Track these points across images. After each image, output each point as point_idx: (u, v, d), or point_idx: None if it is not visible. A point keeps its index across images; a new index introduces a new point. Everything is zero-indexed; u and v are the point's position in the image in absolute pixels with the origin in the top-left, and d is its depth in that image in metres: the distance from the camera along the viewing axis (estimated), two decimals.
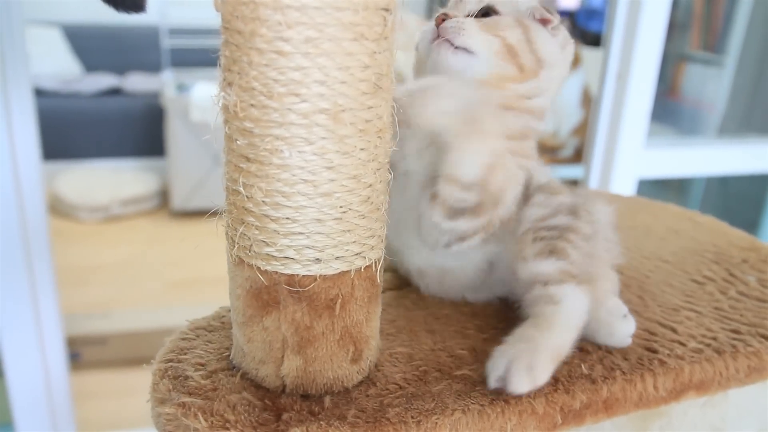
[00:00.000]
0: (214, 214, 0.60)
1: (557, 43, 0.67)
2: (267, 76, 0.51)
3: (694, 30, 2.95)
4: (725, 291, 0.84)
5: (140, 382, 0.79)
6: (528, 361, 0.59)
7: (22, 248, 1.48)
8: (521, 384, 0.58)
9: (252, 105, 0.52)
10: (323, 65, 0.51)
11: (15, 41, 1.37)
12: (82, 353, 2.19)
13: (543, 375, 0.60)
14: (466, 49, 0.64)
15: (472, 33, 0.62)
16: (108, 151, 3.96)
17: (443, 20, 0.64)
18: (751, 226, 2.38)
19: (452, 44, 0.64)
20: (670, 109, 2.93)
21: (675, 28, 2.93)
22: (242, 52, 0.52)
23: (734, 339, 0.73)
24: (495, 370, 0.60)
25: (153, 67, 4.27)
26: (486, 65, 0.64)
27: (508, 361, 0.59)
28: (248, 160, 0.54)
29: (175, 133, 3.50)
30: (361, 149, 0.55)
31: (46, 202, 1.53)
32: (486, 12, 0.64)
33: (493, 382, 0.60)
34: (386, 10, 0.53)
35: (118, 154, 3.96)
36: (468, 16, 0.65)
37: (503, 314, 0.74)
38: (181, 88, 3.73)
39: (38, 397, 1.60)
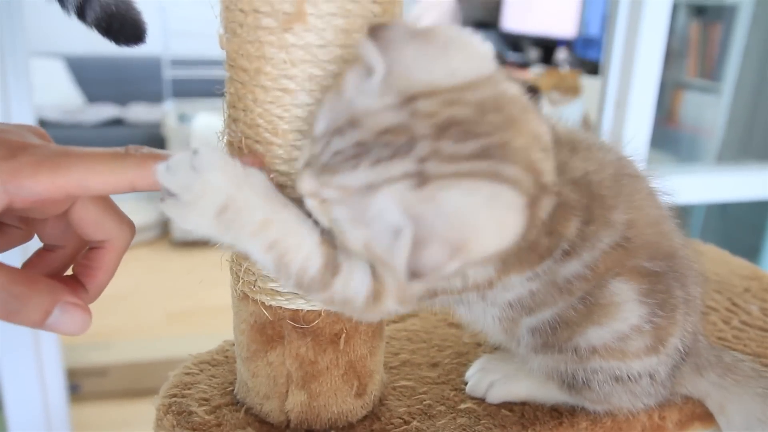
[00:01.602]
0: (216, 244, 0.60)
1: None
2: (272, 113, 0.52)
3: (691, 57, 2.98)
4: (728, 321, 0.84)
5: (141, 414, 0.79)
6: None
7: None
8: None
9: (257, 141, 0.53)
10: None
11: (19, 72, 1.38)
12: (82, 385, 2.18)
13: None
14: None
15: (324, 223, 0.47)
16: None
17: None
18: (752, 252, 2.38)
19: None
20: (668, 136, 2.95)
21: (672, 55, 2.96)
22: (247, 90, 0.52)
23: None
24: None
25: (155, 97, 4.30)
26: None
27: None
28: None
29: None
30: None
31: None
32: None
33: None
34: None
35: None
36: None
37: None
38: (183, 118, 3.76)
39: (38, 430, 1.59)
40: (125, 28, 0.75)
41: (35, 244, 0.52)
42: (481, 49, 0.45)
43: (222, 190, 0.45)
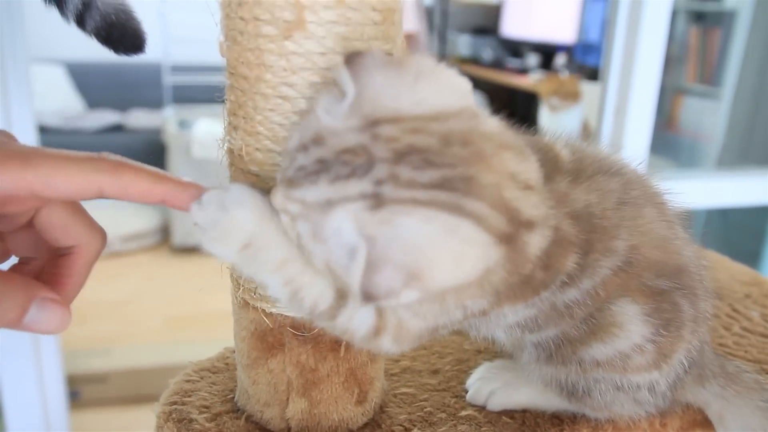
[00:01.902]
0: None
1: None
2: (272, 120, 0.52)
3: (690, 63, 2.99)
4: (729, 327, 0.84)
5: (141, 420, 0.78)
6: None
7: None
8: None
9: (257, 149, 0.53)
10: None
11: (19, 78, 1.39)
12: (82, 391, 2.17)
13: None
14: None
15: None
16: None
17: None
18: (752, 258, 2.38)
19: None
20: (668, 142, 2.95)
21: (672, 61, 2.97)
22: (247, 97, 0.52)
23: None
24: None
25: (155, 103, 4.31)
26: None
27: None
28: None
29: (176, 169, 3.52)
30: None
31: None
32: None
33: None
34: (389, 54, 0.54)
35: None
36: None
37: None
38: (183, 124, 3.76)
39: None
40: (125, 38, 0.75)
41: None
42: (455, 82, 0.45)
43: (246, 229, 0.47)
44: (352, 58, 0.43)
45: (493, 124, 0.45)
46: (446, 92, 0.44)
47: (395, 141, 0.41)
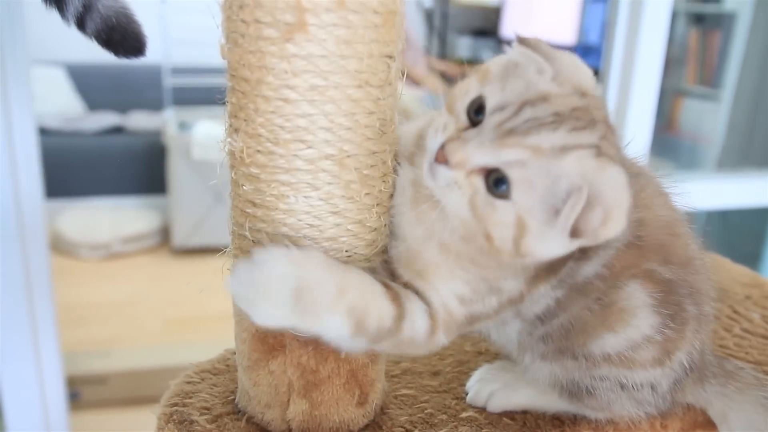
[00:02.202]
0: (216, 251, 0.60)
1: (562, 245, 0.50)
2: (273, 122, 0.52)
3: (690, 65, 2.99)
4: (730, 328, 0.84)
5: (141, 422, 0.78)
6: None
7: (23, 286, 1.48)
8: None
9: (258, 151, 0.53)
10: (329, 112, 0.52)
11: (20, 81, 1.39)
12: (82, 392, 2.17)
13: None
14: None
15: (455, 200, 0.50)
16: (110, 189, 3.97)
17: (441, 160, 0.50)
18: (752, 259, 2.38)
19: (437, 184, 0.51)
20: (668, 144, 2.95)
21: (671, 63, 2.97)
22: (249, 99, 0.52)
23: None
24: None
25: (155, 105, 4.30)
26: (463, 222, 0.52)
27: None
28: (254, 205, 0.55)
29: (176, 170, 3.52)
30: (366, 194, 0.55)
31: (47, 239, 1.53)
32: (498, 180, 0.49)
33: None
34: (390, 57, 0.54)
35: (120, 191, 3.97)
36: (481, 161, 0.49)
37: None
38: (183, 126, 3.75)
39: None
40: (126, 41, 0.75)
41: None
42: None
43: (289, 274, 0.50)
44: (527, 42, 0.52)
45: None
46: (592, 84, 0.53)
47: (600, 110, 0.51)
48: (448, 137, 0.50)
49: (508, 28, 5.04)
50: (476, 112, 0.51)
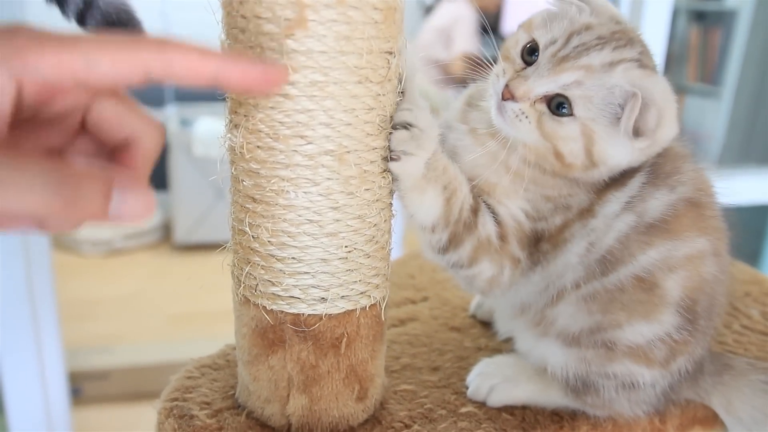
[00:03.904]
0: (217, 248, 0.60)
1: (629, 149, 0.57)
2: (273, 118, 0.52)
3: (691, 62, 2.99)
4: (729, 325, 0.84)
5: (142, 417, 0.79)
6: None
7: (25, 282, 1.48)
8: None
9: (258, 147, 0.53)
10: (329, 108, 0.52)
11: None
12: (84, 388, 2.18)
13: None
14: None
15: (525, 128, 0.57)
16: None
17: (507, 97, 0.57)
18: (752, 256, 2.38)
19: (506, 118, 0.58)
20: None
21: (672, 60, 2.97)
22: (248, 95, 0.53)
23: None
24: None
25: (156, 101, 4.30)
26: (532, 149, 0.59)
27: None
28: (254, 200, 0.55)
29: (177, 167, 3.52)
30: (366, 189, 0.55)
31: (49, 235, 1.54)
32: (560, 104, 0.56)
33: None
34: (390, 53, 0.54)
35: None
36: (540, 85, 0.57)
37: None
38: (184, 122, 3.76)
39: None
40: None
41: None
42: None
43: (435, 134, 0.57)
44: None
45: None
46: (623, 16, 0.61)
47: (633, 32, 0.59)
48: (510, 78, 0.58)
49: (509, 25, 5.04)
50: (529, 53, 0.59)
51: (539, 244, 0.63)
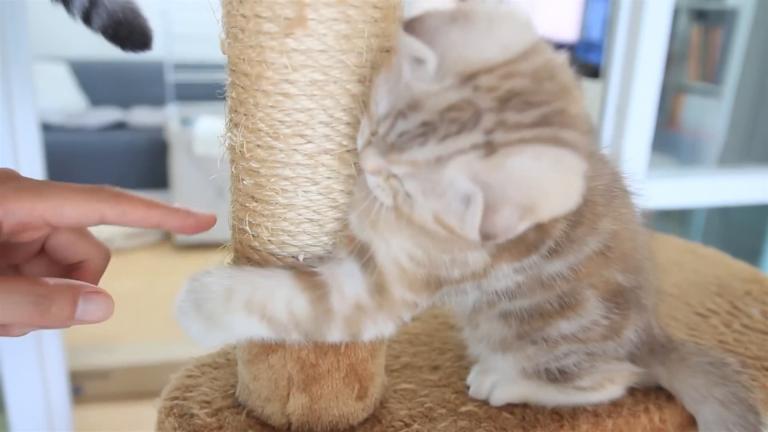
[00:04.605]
0: (218, 247, 0.60)
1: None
2: (273, 117, 0.52)
3: (692, 61, 2.98)
4: (729, 324, 0.84)
5: (144, 416, 0.79)
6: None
7: None
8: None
9: (258, 146, 0.53)
10: (328, 107, 0.52)
11: (22, 77, 1.39)
12: (85, 387, 2.18)
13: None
14: None
15: (386, 199, 0.48)
16: (112, 184, 3.99)
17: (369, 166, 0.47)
18: (753, 255, 2.38)
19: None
20: (670, 140, 2.94)
21: (673, 59, 2.96)
22: (249, 94, 0.53)
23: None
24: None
25: (157, 101, 4.30)
26: None
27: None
28: (254, 199, 0.55)
29: (179, 166, 3.53)
30: None
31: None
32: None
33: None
34: (389, 52, 0.54)
35: (123, 187, 3.96)
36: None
37: None
38: (185, 122, 3.76)
39: None
40: (133, 35, 0.75)
41: None
42: (522, 18, 0.46)
43: (189, 290, 0.54)
44: (413, 24, 0.44)
45: (559, 55, 0.47)
46: (519, 30, 0.45)
47: (495, 89, 0.42)
48: (363, 142, 0.48)
49: None
50: None
51: (444, 287, 0.56)
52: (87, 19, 0.74)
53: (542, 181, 0.42)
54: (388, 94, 0.45)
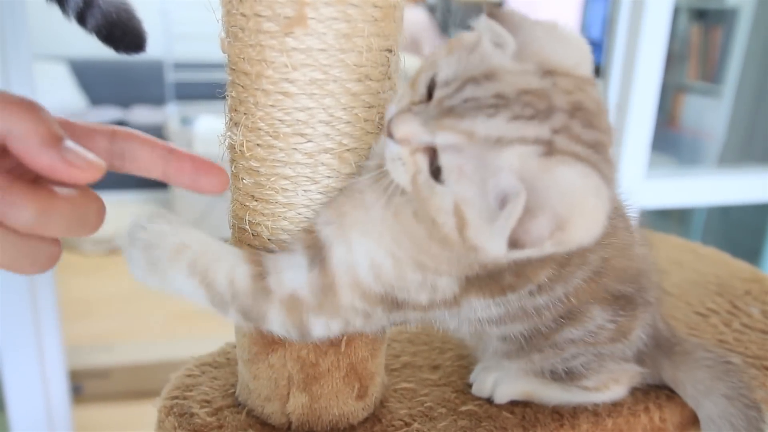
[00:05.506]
0: None
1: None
2: (273, 116, 0.52)
3: (692, 60, 2.98)
4: (729, 323, 0.84)
5: (143, 416, 0.79)
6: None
7: (26, 280, 1.48)
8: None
9: (258, 145, 0.53)
10: (328, 106, 0.52)
11: (22, 76, 1.39)
12: (85, 386, 2.18)
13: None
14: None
15: (400, 176, 0.45)
16: (112, 183, 3.97)
17: (389, 133, 0.44)
18: (752, 255, 2.38)
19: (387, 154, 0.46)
20: (670, 139, 2.95)
21: (673, 58, 2.96)
22: (248, 93, 0.53)
23: None
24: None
25: (157, 100, 4.31)
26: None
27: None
28: (254, 198, 0.55)
29: None
30: None
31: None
32: (437, 171, 0.43)
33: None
34: (390, 51, 0.54)
35: (122, 186, 3.98)
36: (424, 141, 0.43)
37: None
38: (185, 121, 3.76)
39: (40, 431, 1.59)
40: (126, 37, 0.75)
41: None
42: (587, 50, 0.46)
43: (144, 233, 0.52)
44: (496, 14, 0.44)
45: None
46: (586, 59, 0.45)
47: (570, 94, 0.42)
48: (399, 109, 0.45)
49: None
50: (434, 86, 0.45)
51: (404, 309, 0.53)
52: (81, 19, 0.74)
53: (583, 201, 0.40)
54: (458, 61, 0.44)
